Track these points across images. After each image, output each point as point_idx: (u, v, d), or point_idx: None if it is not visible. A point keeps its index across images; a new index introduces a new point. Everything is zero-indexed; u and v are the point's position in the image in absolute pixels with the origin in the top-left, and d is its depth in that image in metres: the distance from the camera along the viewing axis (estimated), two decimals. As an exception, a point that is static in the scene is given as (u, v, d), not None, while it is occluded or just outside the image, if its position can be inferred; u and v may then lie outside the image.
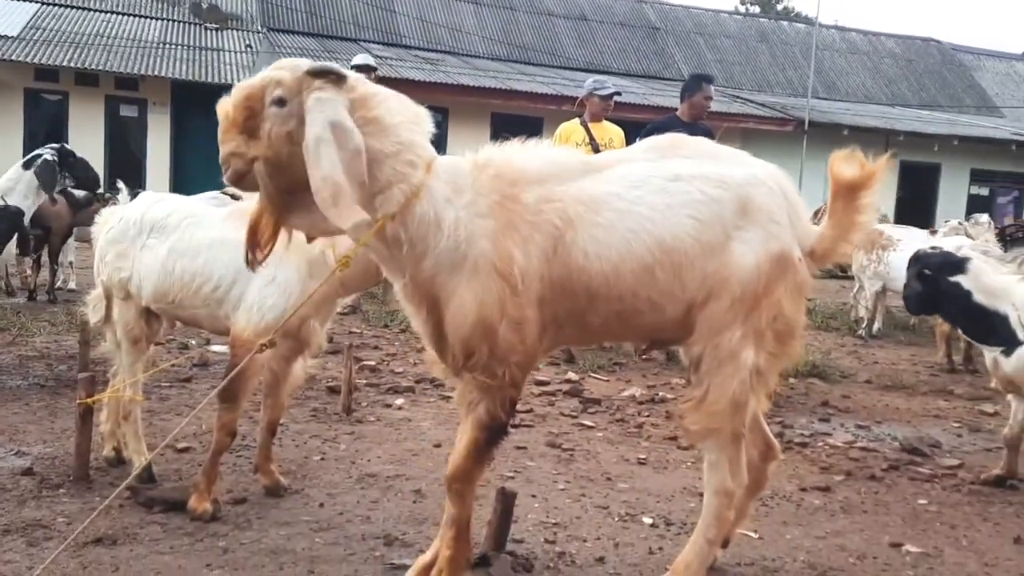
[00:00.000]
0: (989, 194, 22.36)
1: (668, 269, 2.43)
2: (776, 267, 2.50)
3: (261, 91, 2.33)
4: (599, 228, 2.40)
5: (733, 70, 23.58)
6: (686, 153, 2.58)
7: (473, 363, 2.41)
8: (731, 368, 2.49)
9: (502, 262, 2.33)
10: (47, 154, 5.82)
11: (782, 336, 2.56)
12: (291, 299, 3.14)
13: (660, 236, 2.43)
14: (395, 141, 2.35)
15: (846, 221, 2.59)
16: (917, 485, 4.20)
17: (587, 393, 5.64)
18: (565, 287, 2.41)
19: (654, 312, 2.48)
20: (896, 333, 9.38)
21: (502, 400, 2.45)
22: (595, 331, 2.56)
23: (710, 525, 2.65)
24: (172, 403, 4.91)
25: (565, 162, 2.54)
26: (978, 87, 26.10)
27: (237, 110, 2.33)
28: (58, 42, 16.00)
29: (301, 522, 3.26)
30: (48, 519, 3.13)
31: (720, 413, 2.52)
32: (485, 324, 2.35)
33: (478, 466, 2.53)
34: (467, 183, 2.41)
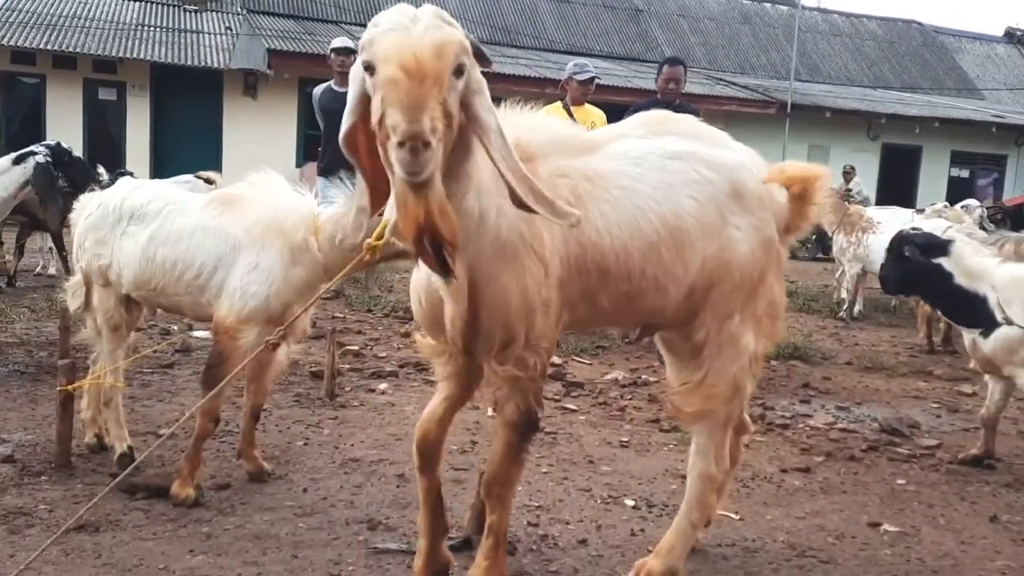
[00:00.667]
0: (969, 176, 22.53)
1: (672, 248, 2.41)
2: (767, 253, 2.58)
3: (459, 50, 1.81)
4: (606, 204, 2.35)
5: (716, 52, 23.57)
6: (676, 130, 2.58)
7: (509, 352, 2.29)
8: (732, 352, 2.53)
9: (538, 243, 2.24)
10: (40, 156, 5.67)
11: (773, 320, 2.64)
12: (273, 285, 3.13)
13: (663, 214, 2.40)
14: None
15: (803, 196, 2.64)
16: (896, 465, 4.25)
17: (570, 376, 5.66)
18: (580, 266, 2.34)
19: (658, 293, 2.46)
20: (877, 315, 9.47)
21: (534, 392, 2.37)
22: (604, 313, 2.49)
23: (693, 508, 2.69)
24: (154, 389, 4.89)
25: (567, 137, 2.48)
26: (959, 69, 26.23)
27: (446, 69, 1.78)
28: (34, 24, 15.76)
29: (285, 507, 3.26)
30: (30, 507, 3.12)
31: (718, 396, 2.57)
32: (527, 307, 2.25)
33: (517, 467, 2.45)
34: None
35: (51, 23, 15.94)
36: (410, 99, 1.72)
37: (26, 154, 5.74)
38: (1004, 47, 28.13)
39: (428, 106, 1.72)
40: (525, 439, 2.41)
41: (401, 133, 1.70)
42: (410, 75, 1.73)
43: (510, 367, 2.31)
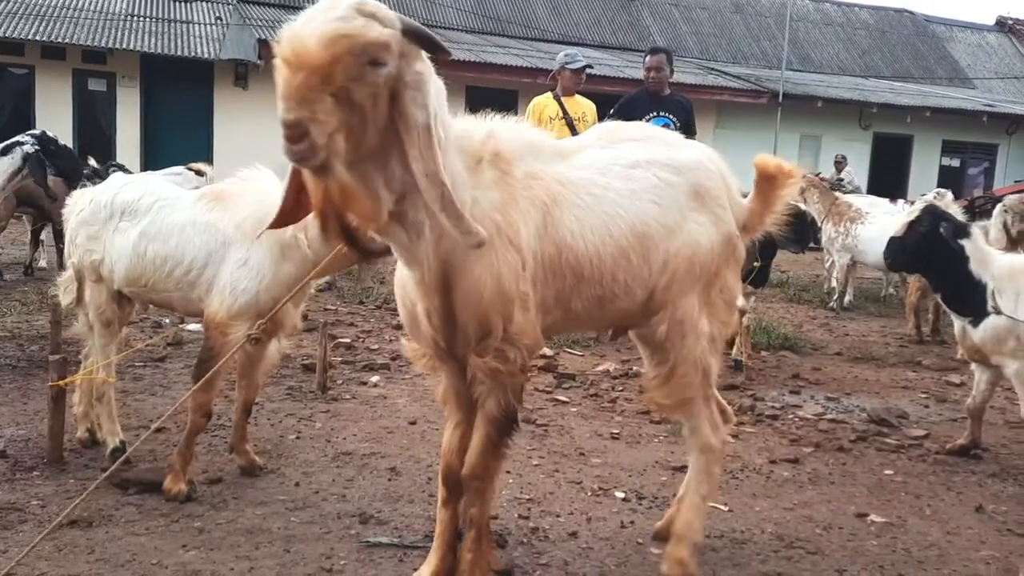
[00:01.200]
0: (960, 165, 22.60)
1: (639, 253, 2.50)
2: (724, 247, 2.69)
3: (365, 46, 1.81)
4: (580, 209, 2.42)
5: (708, 42, 23.55)
6: (632, 136, 2.68)
7: (487, 344, 2.32)
8: (692, 338, 2.64)
9: (513, 234, 2.28)
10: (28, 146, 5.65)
11: (728, 304, 2.77)
12: (263, 281, 3.15)
13: (631, 221, 2.49)
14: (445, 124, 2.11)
15: (769, 197, 2.82)
16: (884, 456, 4.29)
17: (561, 368, 5.69)
18: (555, 267, 2.40)
19: (627, 296, 2.54)
20: (867, 305, 9.51)
21: (513, 388, 2.40)
22: (577, 316, 2.54)
23: (701, 482, 2.80)
24: (146, 383, 4.90)
25: (540, 143, 2.54)
26: (950, 58, 26.26)
27: (334, 62, 1.77)
28: (23, 14, 15.64)
29: (277, 501, 3.28)
30: (22, 502, 3.13)
31: (690, 383, 2.69)
32: (503, 297, 2.28)
33: (495, 461, 2.48)
34: (475, 158, 2.28)
35: (40, 13, 15.81)
36: (287, 89, 1.76)
37: (12, 144, 5.71)
38: (995, 36, 28.16)
39: (306, 97, 1.75)
40: (505, 434, 2.45)
41: (280, 122, 1.76)
42: (289, 65, 1.77)
43: (490, 359, 2.34)
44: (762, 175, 2.82)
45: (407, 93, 1.91)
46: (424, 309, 2.34)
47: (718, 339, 2.74)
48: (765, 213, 2.86)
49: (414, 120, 1.93)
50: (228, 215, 3.23)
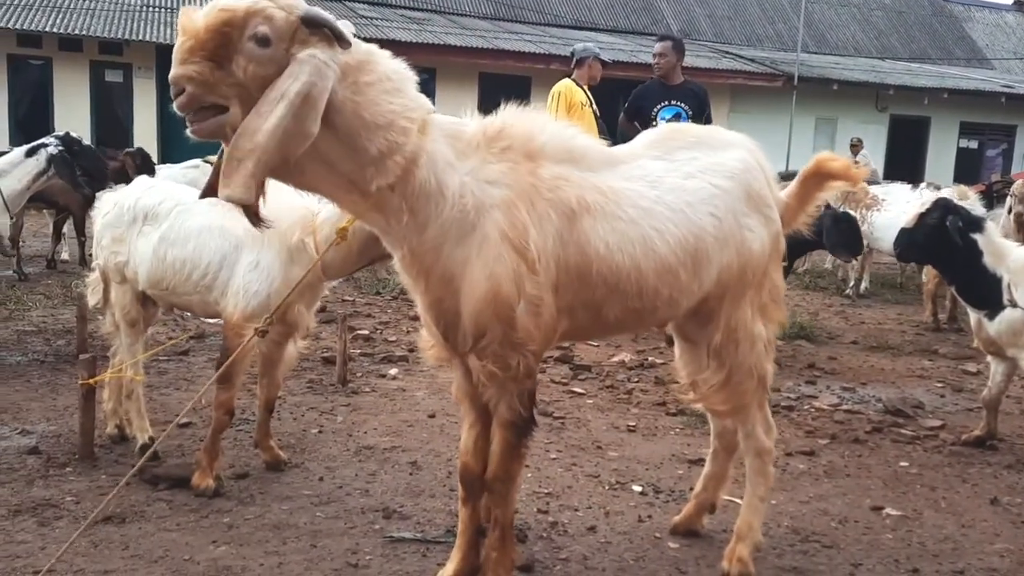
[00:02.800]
0: (978, 147, 22.41)
1: (691, 269, 2.48)
2: (773, 246, 2.69)
3: (244, 20, 1.99)
4: (621, 222, 2.38)
5: (722, 24, 23.40)
6: (682, 143, 2.64)
7: (483, 346, 2.30)
8: (747, 345, 2.66)
9: (516, 234, 2.23)
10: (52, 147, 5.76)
11: (777, 301, 2.77)
12: (273, 284, 3.22)
13: (683, 237, 2.46)
14: (388, 110, 2.15)
15: (808, 196, 2.83)
16: (899, 447, 4.33)
17: (577, 359, 5.74)
18: (583, 276, 2.36)
19: (670, 308, 2.54)
20: (883, 292, 9.51)
21: (519, 393, 2.37)
22: (608, 324, 2.54)
23: (758, 484, 2.86)
24: (171, 377, 4.99)
25: (586, 150, 2.49)
26: (968, 39, 25.98)
27: (209, 33, 1.97)
28: (40, 7, 15.76)
29: (302, 496, 3.36)
30: (57, 498, 3.22)
31: (747, 390, 2.72)
32: (499, 301, 2.24)
33: (515, 463, 2.48)
34: (472, 147, 2.30)
35: (57, 6, 15.93)
36: (174, 52, 2.01)
37: (37, 146, 5.82)
38: (1014, 16, 27.82)
39: (184, 58, 1.98)
40: (522, 437, 2.45)
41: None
42: (177, 33, 2.02)
43: (488, 363, 2.31)
44: (817, 173, 2.79)
45: (290, 67, 2.02)
46: (418, 300, 2.39)
47: (772, 341, 2.75)
48: (800, 210, 2.85)
49: (278, 85, 2.00)
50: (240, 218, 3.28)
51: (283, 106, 1.97)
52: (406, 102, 2.20)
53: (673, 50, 6.52)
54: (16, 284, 7.67)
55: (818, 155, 2.81)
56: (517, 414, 2.39)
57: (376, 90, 2.15)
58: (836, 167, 2.77)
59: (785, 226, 2.81)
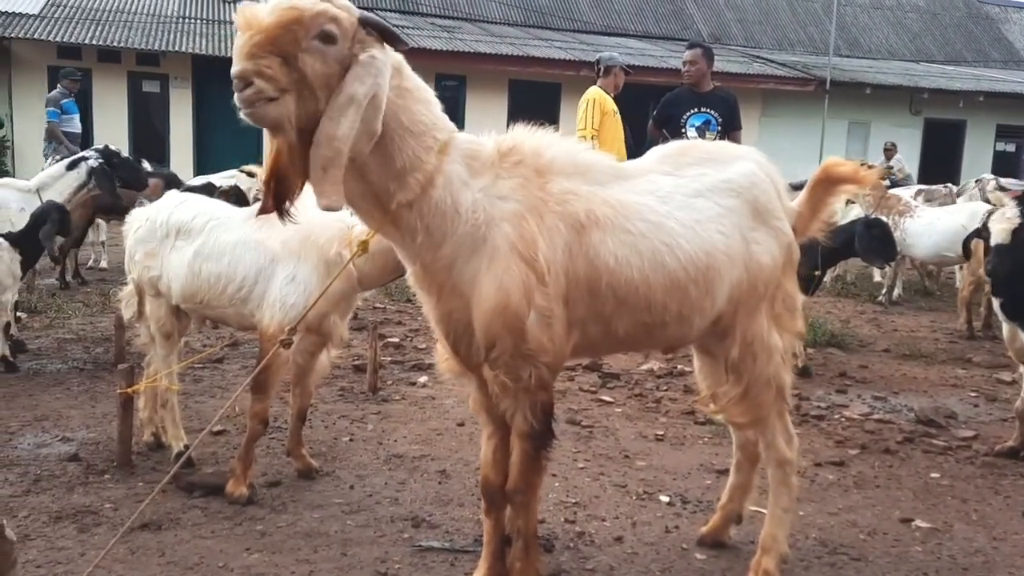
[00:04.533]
0: (1015, 150, 22.02)
1: (702, 286, 2.50)
2: (784, 257, 2.70)
3: (312, 19, 2.04)
4: (630, 236, 2.41)
5: (753, 29, 23.25)
6: (692, 160, 2.66)
7: (495, 357, 2.33)
8: (764, 357, 2.67)
9: (525, 246, 2.28)
10: (92, 160, 5.91)
11: (791, 311, 2.78)
12: (311, 297, 3.28)
13: (693, 254, 2.47)
14: (421, 120, 2.24)
15: (820, 202, 2.82)
16: (931, 458, 4.29)
17: (606, 367, 5.75)
18: (592, 288, 2.39)
19: (680, 325, 2.55)
20: (916, 299, 9.40)
21: (533, 405, 2.39)
22: (619, 339, 2.56)
23: (781, 495, 2.85)
24: (205, 384, 5.09)
25: (596, 164, 2.54)
26: (1005, 40, 25.55)
27: (280, 28, 2.01)
28: (79, 19, 16.11)
29: (333, 504, 3.42)
30: (96, 505, 3.31)
31: (765, 402, 2.73)
32: (509, 312, 2.27)
33: (535, 475, 2.51)
34: (486, 165, 2.36)
35: (96, 18, 16.28)
36: (237, 47, 2.02)
37: (78, 160, 5.97)
38: (1053, 16, 27.31)
39: (252, 53, 1.99)
40: (541, 448, 2.47)
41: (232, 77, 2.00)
42: (241, 29, 2.02)
43: (500, 374, 2.35)
44: (826, 179, 2.79)
45: (354, 70, 2.09)
46: (428, 312, 2.45)
47: (790, 351, 2.76)
48: (812, 219, 2.84)
49: (346, 89, 2.07)
50: (275, 232, 3.35)
51: (353, 110, 2.06)
52: (434, 118, 2.29)
53: (703, 57, 6.51)
54: (57, 292, 7.86)
55: (825, 161, 2.81)
56: (531, 425, 2.42)
57: (413, 97, 2.24)
58: (844, 171, 2.76)
59: (799, 235, 2.81)
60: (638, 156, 2.82)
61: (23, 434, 4.12)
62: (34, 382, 5.03)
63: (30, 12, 15.84)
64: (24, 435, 4.10)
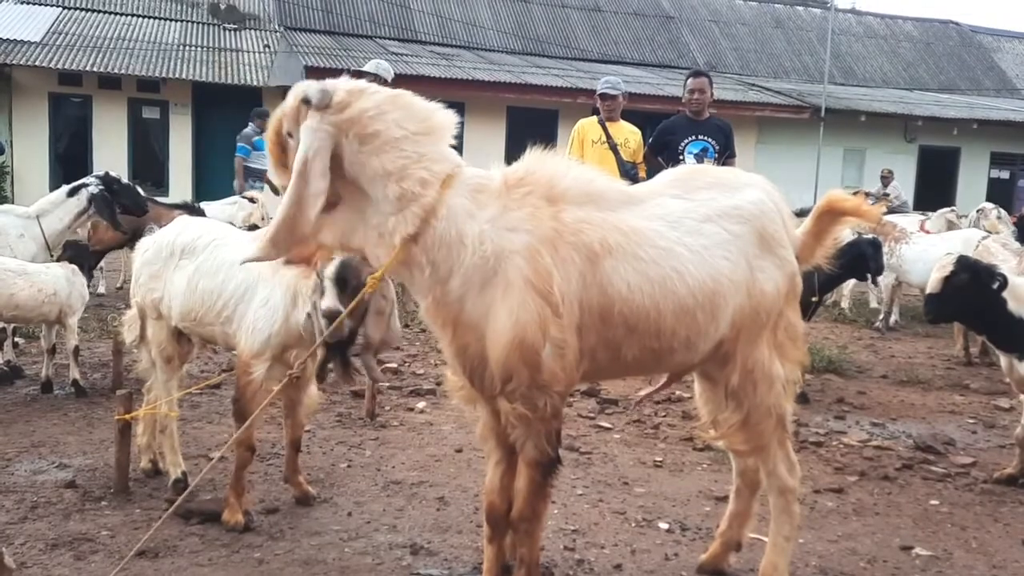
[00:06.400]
0: (1010, 177, 22.16)
1: (708, 311, 2.51)
2: (787, 286, 2.70)
3: (279, 124, 2.41)
4: (642, 262, 2.42)
5: (748, 57, 23.46)
6: (702, 184, 2.68)
7: (511, 389, 2.35)
8: (765, 386, 2.67)
9: (539, 279, 2.29)
10: (92, 187, 5.94)
11: (794, 340, 2.77)
12: (275, 325, 3.26)
13: (701, 279, 2.49)
14: (399, 156, 2.29)
15: (823, 232, 2.84)
16: (930, 485, 4.28)
17: (604, 393, 5.74)
18: (605, 316, 2.40)
19: (687, 351, 2.57)
20: (914, 325, 9.41)
21: (547, 433, 2.43)
22: (627, 365, 2.57)
23: (782, 523, 2.85)
24: (203, 411, 5.07)
25: (605, 190, 2.56)
26: (998, 69, 25.81)
27: (272, 146, 2.43)
28: (80, 46, 16.21)
29: (331, 531, 3.40)
30: (92, 532, 3.30)
31: (766, 431, 2.73)
32: (525, 346, 2.28)
33: (542, 503, 2.54)
34: (493, 196, 2.37)
35: (97, 45, 16.39)
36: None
37: (79, 186, 5.99)
38: (1045, 45, 27.61)
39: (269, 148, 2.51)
40: (548, 476, 2.50)
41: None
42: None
43: (518, 406, 2.38)
44: (830, 211, 2.80)
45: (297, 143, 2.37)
46: (444, 344, 2.46)
47: (792, 380, 2.75)
48: (816, 247, 2.86)
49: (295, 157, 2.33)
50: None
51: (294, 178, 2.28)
52: (424, 152, 2.33)
53: (709, 86, 6.61)
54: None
55: (829, 193, 2.83)
56: (543, 453, 2.44)
57: (380, 140, 2.31)
58: (848, 206, 2.78)
59: (802, 263, 2.83)
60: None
61: (20, 460, 4.10)
62: (31, 408, 5.02)
63: (32, 39, 15.95)
64: (21, 461, 4.09)
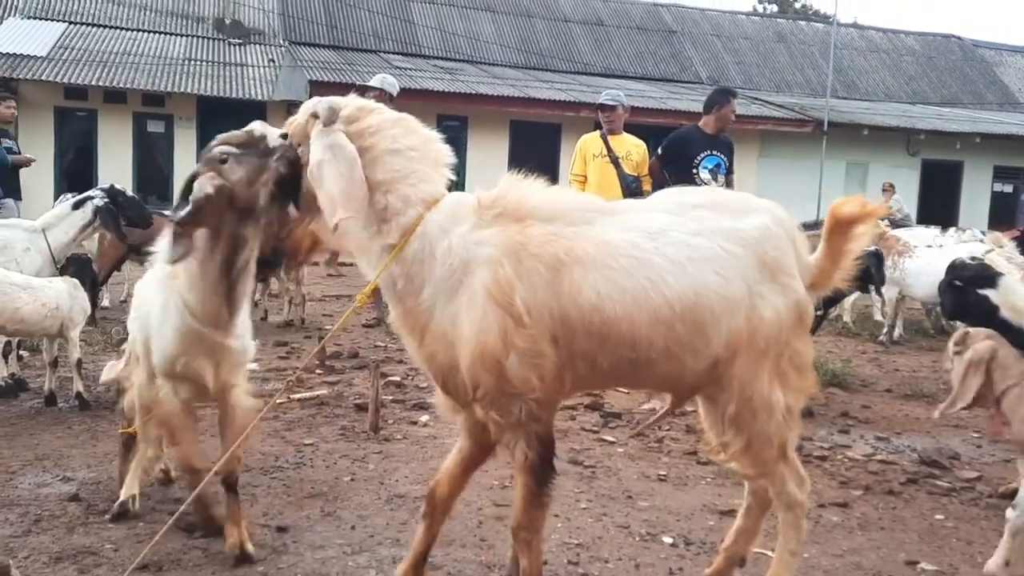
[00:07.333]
0: (1013, 191, 22.17)
1: (690, 323, 2.48)
2: (792, 315, 2.64)
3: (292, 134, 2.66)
4: (612, 271, 2.44)
5: (751, 71, 23.57)
6: (699, 203, 2.67)
7: (481, 395, 2.44)
8: (766, 415, 2.63)
9: (500, 291, 2.37)
10: (98, 199, 5.97)
11: (799, 369, 2.71)
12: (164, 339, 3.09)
13: (681, 290, 2.47)
14: (389, 170, 2.49)
15: (839, 252, 2.75)
16: (935, 499, 4.27)
17: (608, 407, 5.74)
18: (576, 325, 2.44)
19: (670, 363, 2.54)
20: (918, 338, 9.40)
21: (527, 437, 2.47)
22: (606, 374, 2.59)
23: (790, 538, 2.84)
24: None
25: (578, 204, 2.61)
26: (1000, 83, 25.89)
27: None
28: (86, 61, 16.34)
29: (334, 545, 3.40)
30: (96, 546, 3.29)
31: (769, 459, 2.71)
32: (487, 355, 2.38)
33: (538, 511, 2.56)
34: (466, 215, 2.49)
35: (103, 60, 16.51)
36: None
37: (84, 199, 6.01)
38: (1047, 59, 27.70)
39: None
40: (543, 483, 2.53)
41: None
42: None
43: (491, 412, 2.46)
44: (837, 224, 2.70)
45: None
46: (412, 350, 2.58)
47: (794, 409, 2.70)
48: (834, 270, 2.76)
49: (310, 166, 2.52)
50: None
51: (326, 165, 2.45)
52: (414, 170, 2.51)
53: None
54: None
55: (831, 206, 2.75)
56: (527, 456, 2.48)
57: (375, 152, 2.50)
58: (850, 210, 2.69)
59: (821, 288, 2.78)
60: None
61: (24, 474, 4.10)
62: (35, 421, 5.03)
63: (38, 54, 16.07)
64: (25, 475, 4.09)
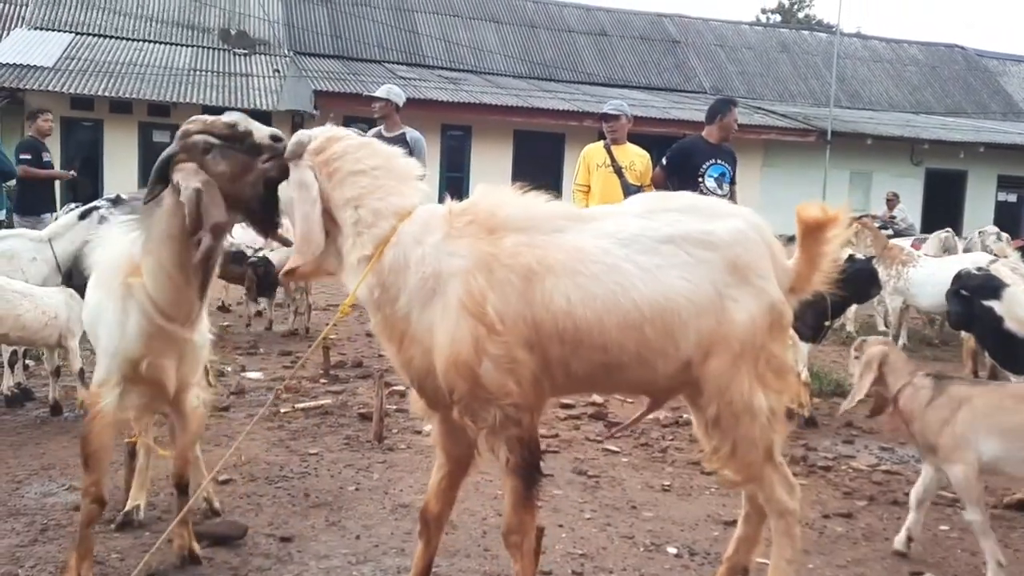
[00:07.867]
0: (1017, 200, 22.18)
1: (659, 327, 2.53)
2: (767, 318, 2.66)
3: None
4: (583, 277, 2.50)
5: (754, 81, 23.62)
6: (672, 208, 2.70)
7: (457, 400, 2.52)
8: (748, 418, 2.64)
9: (472, 301, 2.45)
10: (103, 210, 5.99)
11: (777, 372, 2.72)
12: (120, 340, 2.90)
13: (650, 295, 2.52)
14: (357, 187, 2.60)
15: (814, 255, 2.77)
16: (939, 510, 4.26)
17: (611, 416, 5.74)
18: (549, 331, 2.50)
19: (642, 367, 2.58)
20: (922, 348, 9.38)
21: (508, 441, 2.53)
22: (581, 379, 2.64)
23: (784, 546, 2.83)
24: (211, 433, 5.07)
25: (550, 213, 2.65)
26: (1004, 93, 25.91)
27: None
28: (92, 72, 16.44)
29: (339, 555, 3.40)
30: (102, 555, 3.30)
31: (755, 462, 2.71)
32: (460, 362, 2.46)
33: (527, 515, 2.59)
34: (438, 224, 2.57)
35: (109, 71, 16.62)
36: None
37: (90, 210, 6.03)
38: (1050, 69, 27.73)
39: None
40: (529, 486, 2.57)
41: None
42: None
43: (466, 417, 2.55)
44: (805, 227, 2.74)
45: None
46: (390, 355, 2.66)
47: (777, 410, 2.70)
48: (811, 273, 2.78)
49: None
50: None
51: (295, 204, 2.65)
52: (381, 185, 2.61)
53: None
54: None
55: (797, 209, 2.75)
56: (509, 460, 2.54)
57: (342, 173, 2.62)
58: (812, 214, 2.71)
59: (800, 292, 2.80)
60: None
61: (30, 483, 4.12)
62: (41, 430, 5.04)
63: (45, 65, 16.17)
64: (31, 484, 4.11)
